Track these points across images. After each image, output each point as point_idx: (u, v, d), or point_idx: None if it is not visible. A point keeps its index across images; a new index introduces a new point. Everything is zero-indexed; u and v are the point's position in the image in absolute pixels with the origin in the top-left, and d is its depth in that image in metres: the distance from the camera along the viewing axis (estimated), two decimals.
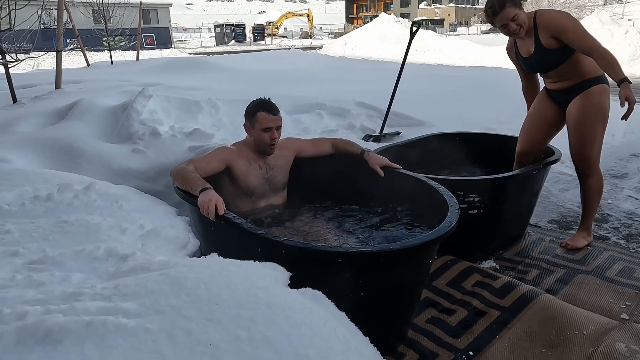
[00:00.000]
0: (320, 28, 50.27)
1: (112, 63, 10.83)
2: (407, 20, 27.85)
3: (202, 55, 15.92)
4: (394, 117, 4.30)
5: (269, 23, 39.68)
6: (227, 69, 7.83)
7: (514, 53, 2.69)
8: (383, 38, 22.08)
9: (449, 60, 15.44)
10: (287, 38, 38.22)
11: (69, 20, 8.53)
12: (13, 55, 4.49)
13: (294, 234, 2.12)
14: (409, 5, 58.95)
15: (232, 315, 1.04)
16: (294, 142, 2.50)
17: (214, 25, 35.75)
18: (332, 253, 1.55)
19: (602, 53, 2.27)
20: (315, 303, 1.22)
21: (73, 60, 14.03)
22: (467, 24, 51.19)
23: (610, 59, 2.25)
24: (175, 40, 31.49)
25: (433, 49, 18.22)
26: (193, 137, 3.08)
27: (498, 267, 2.51)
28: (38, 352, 0.93)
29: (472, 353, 1.84)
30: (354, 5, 63.57)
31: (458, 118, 4.36)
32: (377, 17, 27.13)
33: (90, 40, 15.19)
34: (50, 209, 1.95)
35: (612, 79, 2.35)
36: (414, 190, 2.17)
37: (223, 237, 1.91)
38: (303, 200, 2.44)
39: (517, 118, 3.25)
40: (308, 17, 38.13)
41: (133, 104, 3.31)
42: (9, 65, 4.36)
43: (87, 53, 10.38)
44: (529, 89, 2.89)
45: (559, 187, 3.67)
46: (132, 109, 3.27)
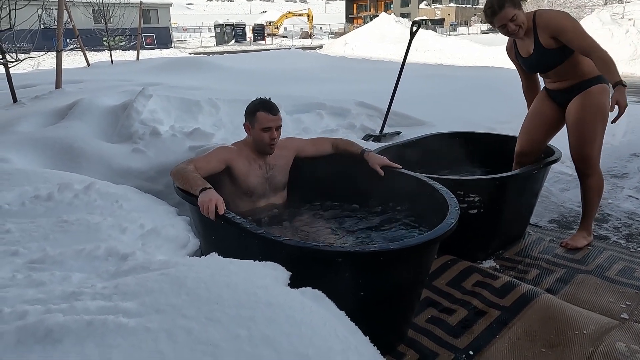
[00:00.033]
0: (321, 28, 50.30)
1: (112, 63, 10.85)
2: (407, 20, 27.82)
3: (202, 55, 15.91)
4: (394, 116, 4.30)
5: (269, 23, 39.71)
6: (227, 69, 7.82)
7: (514, 53, 2.70)
8: (383, 38, 22.06)
9: (449, 60, 15.42)
10: (287, 38, 38.21)
11: (69, 20, 8.53)
12: (13, 55, 4.49)
13: (294, 234, 2.12)
14: (409, 5, 58.93)
15: (232, 315, 1.04)
16: (294, 142, 2.50)
17: (214, 25, 35.79)
18: (332, 253, 1.55)
19: (600, 54, 2.27)
20: (315, 302, 1.22)
21: (73, 60, 14.03)
22: (467, 24, 51.21)
23: (608, 61, 2.25)
24: (176, 40, 31.50)
25: (433, 49, 18.21)
26: (193, 136, 3.08)
27: (498, 266, 2.51)
28: (38, 351, 0.93)
29: (472, 353, 1.84)
30: (354, 5, 63.55)
31: (458, 118, 4.36)
32: (377, 17, 27.07)
33: (91, 40, 15.20)
34: (51, 209, 1.95)
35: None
36: (414, 190, 2.17)
37: (223, 236, 1.91)
38: (303, 200, 2.44)
39: (517, 118, 3.25)
40: (308, 17, 38.17)
41: (133, 104, 3.31)
42: (9, 65, 4.37)
43: (87, 53, 10.38)
44: (529, 89, 2.90)
45: (559, 186, 3.67)
46: (132, 109, 3.27)
